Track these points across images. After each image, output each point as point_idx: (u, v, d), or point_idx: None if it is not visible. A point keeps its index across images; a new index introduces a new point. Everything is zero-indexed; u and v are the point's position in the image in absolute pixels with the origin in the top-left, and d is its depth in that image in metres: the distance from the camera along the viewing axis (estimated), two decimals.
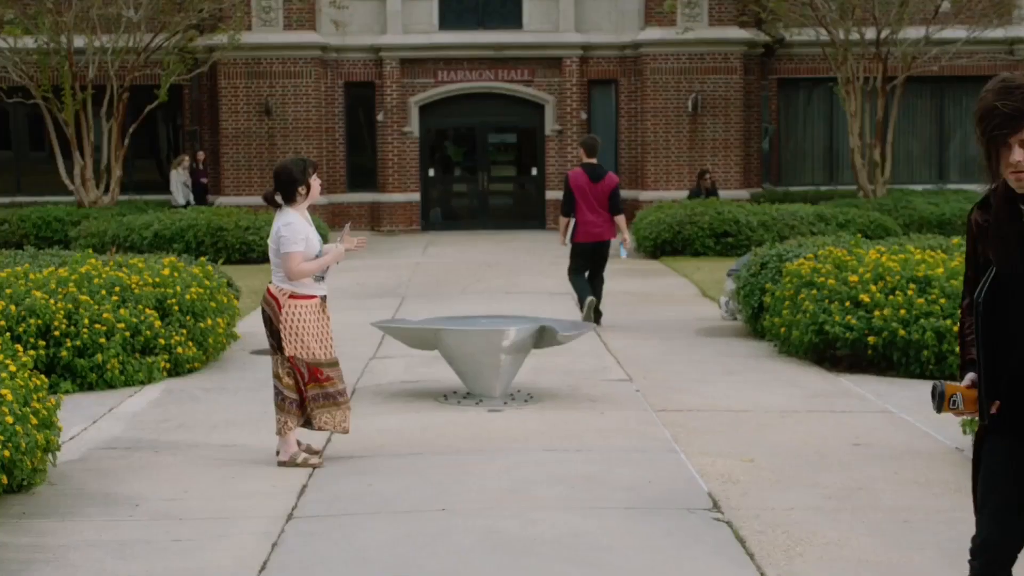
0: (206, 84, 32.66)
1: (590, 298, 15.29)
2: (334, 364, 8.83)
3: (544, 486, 8.10)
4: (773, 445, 9.23)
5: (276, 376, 8.74)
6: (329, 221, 30.90)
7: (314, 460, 8.69)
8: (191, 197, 29.56)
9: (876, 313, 11.99)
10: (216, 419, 10.39)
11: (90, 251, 13.93)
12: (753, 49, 32.52)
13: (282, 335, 8.67)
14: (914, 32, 28.95)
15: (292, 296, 8.69)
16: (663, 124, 32.19)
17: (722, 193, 29.43)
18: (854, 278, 12.48)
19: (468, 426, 9.95)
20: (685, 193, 30.18)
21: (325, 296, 8.88)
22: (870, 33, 28.69)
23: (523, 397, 10.98)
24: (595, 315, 15.54)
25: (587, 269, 15.80)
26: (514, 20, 32.83)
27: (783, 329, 13.07)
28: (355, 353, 13.27)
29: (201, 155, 30.94)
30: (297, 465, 8.61)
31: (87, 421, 10.30)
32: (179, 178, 29.66)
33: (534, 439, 9.47)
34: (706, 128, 32.16)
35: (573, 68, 32.41)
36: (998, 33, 30.80)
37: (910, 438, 9.45)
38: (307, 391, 8.70)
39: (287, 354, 8.67)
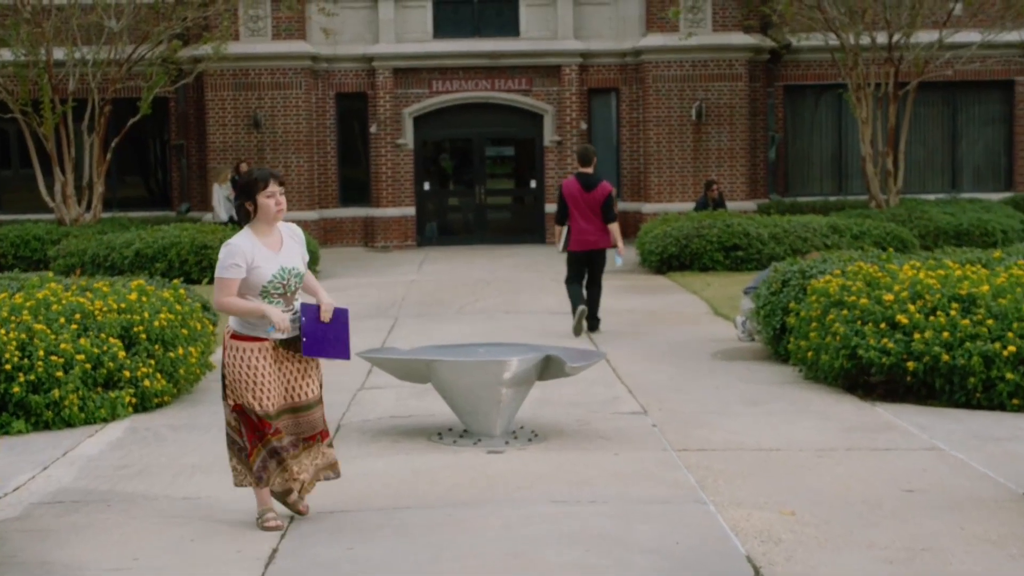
0: (192, 96, 31.51)
1: (581, 307, 15.56)
2: (284, 412, 7.46)
3: (553, 548, 6.93)
4: (814, 492, 8.06)
5: (227, 423, 7.53)
6: (321, 237, 29.84)
7: (273, 524, 7.38)
8: (234, 213, 27.67)
9: (916, 336, 10.83)
10: (182, 463, 9.23)
11: (50, 275, 12.78)
12: (758, 55, 31.38)
13: (225, 380, 7.44)
14: (926, 36, 27.87)
15: (234, 336, 7.41)
16: (666, 133, 31.06)
17: (728, 204, 28.32)
18: (889, 297, 11.34)
19: (465, 471, 8.77)
20: (689, 205, 29.15)
21: (290, 340, 7.43)
22: (881, 37, 27.61)
23: (526, 435, 9.80)
24: (593, 322, 15.89)
25: (583, 277, 15.91)
26: (511, 27, 31.70)
27: (810, 353, 11.92)
28: (341, 383, 12.12)
29: (244, 167, 28.77)
30: (262, 527, 7.43)
31: (36, 467, 9.14)
32: (221, 192, 27.54)
33: (540, 487, 8.29)
34: (710, 137, 31.03)
35: (572, 76, 31.26)
36: (1012, 36, 29.70)
37: (969, 482, 8.29)
38: (269, 441, 7.37)
39: (230, 402, 7.41)
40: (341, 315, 7.44)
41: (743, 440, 9.64)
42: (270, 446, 7.36)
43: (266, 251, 7.32)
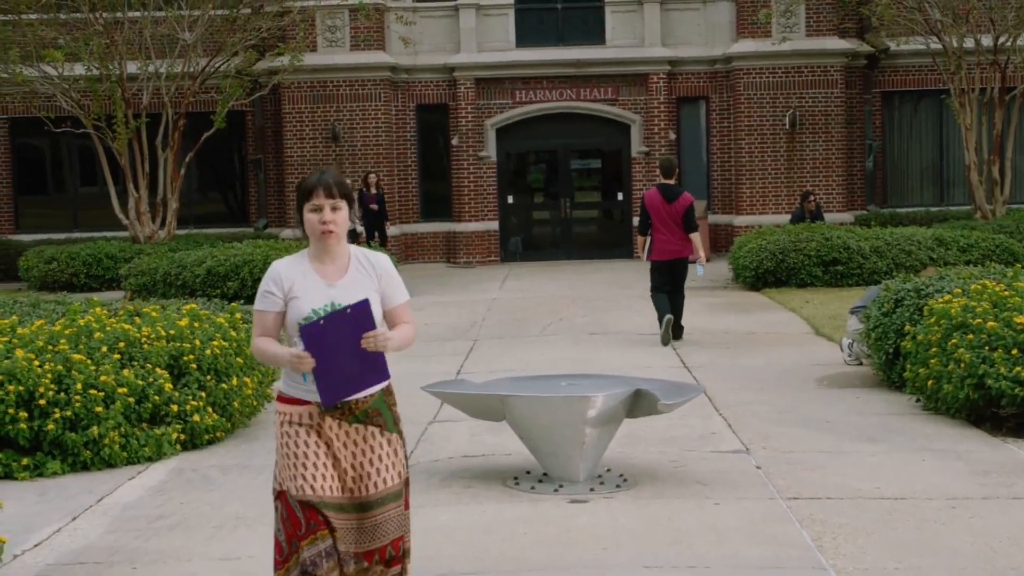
0: (269, 109, 30.71)
1: (668, 316, 15.54)
2: (347, 509, 5.45)
3: None
4: (952, 554, 6.86)
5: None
6: (401, 255, 28.92)
7: None
8: (359, 226, 25.85)
9: None
10: (226, 513, 8.20)
11: (95, 299, 11.81)
12: (855, 60, 30.04)
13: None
14: None
15: (279, 398, 5.58)
16: (758, 143, 29.79)
17: (824, 216, 27.01)
18: (1020, 319, 10.11)
19: (543, 525, 7.65)
20: (783, 217, 27.91)
21: (342, 405, 5.42)
22: (986, 40, 26.20)
23: (613, 480, 8.67)
24: (675, 331, 15.87)
25: (666, 286, 15.98)
26: (596, 35, 30.62)
27: (930, 382, 10.69)
28: (412, 416, 10.99)
29: (373, 178, 27.41)
30: None
31: (65, 517, 8.16)
32: None
33: (629, 546, 7.16)
34: (805, 146, 29.72)
35: (660, 85, 30.10)
36: None
37: None
38: (301, 548, 5.35)
39: (275, 486, 5.54)
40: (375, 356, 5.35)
41: (861, 486, 8.45)
42: (302, 556, 5.34)
43: (316, 279, 5.52)
